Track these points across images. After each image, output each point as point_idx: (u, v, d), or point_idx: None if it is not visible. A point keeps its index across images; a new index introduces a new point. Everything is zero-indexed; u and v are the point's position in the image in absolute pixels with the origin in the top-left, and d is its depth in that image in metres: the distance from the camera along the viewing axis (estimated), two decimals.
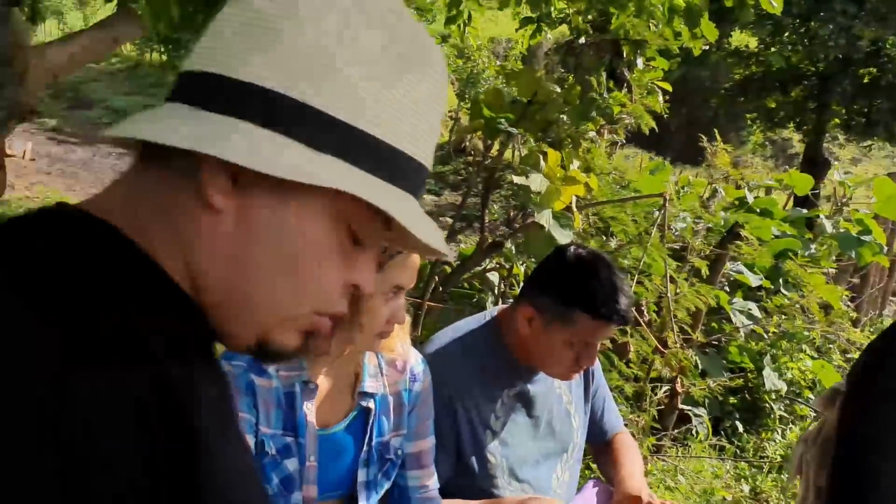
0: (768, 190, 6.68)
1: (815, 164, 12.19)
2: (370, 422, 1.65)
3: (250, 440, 1.51)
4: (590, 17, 3.46)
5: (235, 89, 0.65)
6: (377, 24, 0.68)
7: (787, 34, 11.50)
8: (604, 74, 2.95)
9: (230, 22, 0.67)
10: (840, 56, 10.50)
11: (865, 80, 11.14)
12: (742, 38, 13.22)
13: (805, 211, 5.90)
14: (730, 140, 26.41)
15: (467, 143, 14.19)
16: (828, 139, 15.05)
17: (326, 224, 0.68)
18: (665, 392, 3.79)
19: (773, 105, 13.20)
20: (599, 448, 2.27)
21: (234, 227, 0.67)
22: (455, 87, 19.99)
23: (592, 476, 2.35)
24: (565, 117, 2.88)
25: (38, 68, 1.42)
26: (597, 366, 2.21)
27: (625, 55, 3.17)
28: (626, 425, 3.36)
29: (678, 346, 3.51)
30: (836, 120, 11.98)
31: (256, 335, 0.71)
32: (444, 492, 1.89)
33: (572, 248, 1.94)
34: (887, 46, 10.71)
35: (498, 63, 18.81)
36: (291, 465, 1.54)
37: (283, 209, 0.67)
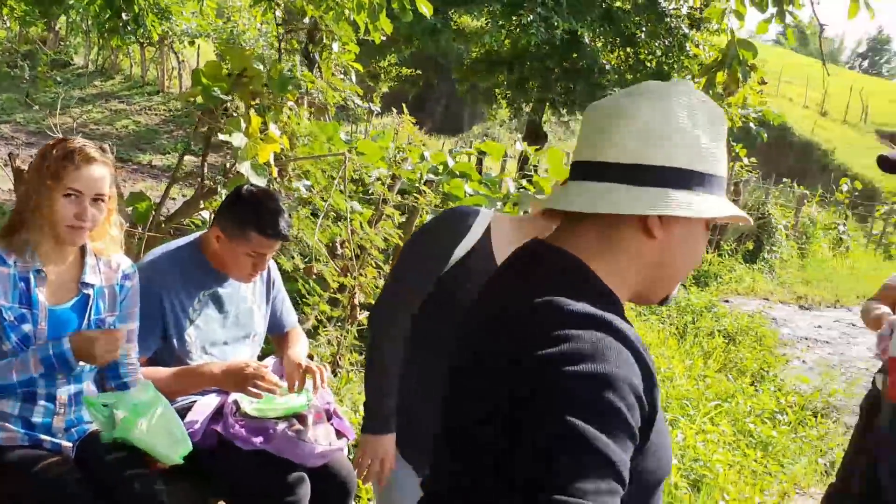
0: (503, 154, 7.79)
1: (537, 136, 13.90)
2: (90, 304, 2.34)
3: None
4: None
5: (656, 170, 1.12)
6: (700, 113, 1.15)
7: (500, 20, 13.02)
8: (298, 56, 3.71)
9: (628, 130, 1.12)
10: (542, 42, 12.12)
11: (566, 64, 12.90)
12: (466, 20, 14.62)
13: (494, 175, 7.09)
14: (482, 114, 28.25)
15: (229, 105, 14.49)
16: (563, 115, 16.68)
17: (704, 228, 1.20)
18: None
19: (504, 82, 14.72)
20: (279, 338, 3.06)
21: (661, 246, 1.16)
22: (214, 48, 19.99)
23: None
24: (269, 89, 3.62)
25: None
26: (276, 276, 3.00)
27: (324, 40, 3.94)
28: (319, 334, 4.19)
29: (371, 276, 4.41)
30: (550, 97, 13.66)
31: (662, 296, 1.26)
32: (152, 362, 2.62)
33: (245, 186, 2.70)
34: (583, 36, 12.48)
35: (263, 27, 19.00)
36: (27, 328, 2.22)
37: (690, 229, 1.18)
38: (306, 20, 3.72)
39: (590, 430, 0.96)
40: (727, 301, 10.06)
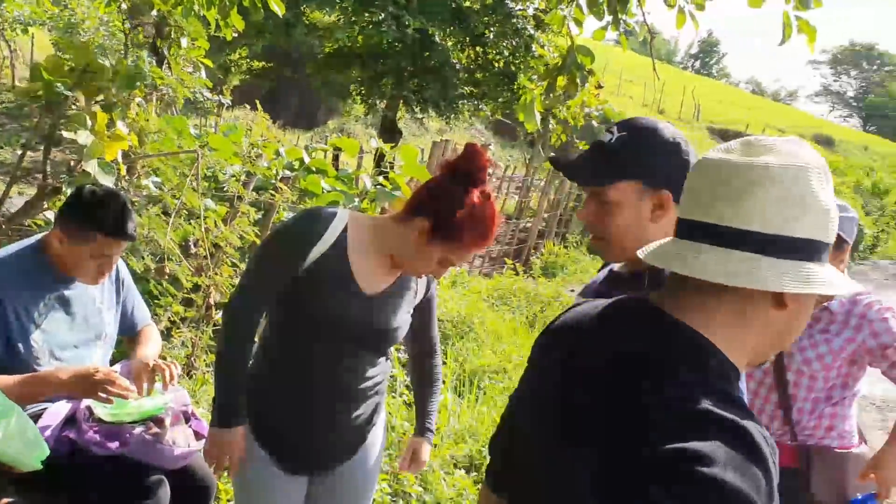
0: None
1: (392, 132, 14.04)
2: None
3: None
4: None
5: (795, 242, 1.09)
6: (824, 177, 1.13)
7: (352, 16, 13.11)
8: (146, 50, 3.63)
9: (769, 197, 1.08)
10: (394, 40, 12.29)
11: (418, 62, 13.14)
12: (319, 15, 14.59)
13: (350, 171, 7.14)
14: (337, 109, 28.07)
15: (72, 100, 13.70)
16: (416, 112, 16.82)
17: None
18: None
19: (359, 78, 14.77)
20: (132, 338, 3.00)
21: (788, 316, 1.15)
22: (50, 37, 18.81)
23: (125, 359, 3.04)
24: (115, 85, 3.52)
25: None
26: (125, 275, 2.94)
27: (173, 35, 3.86)
28: (172, 336, 4.11)
29: (227, 275, 4.37)
30: (403, 94, 13.84)
31: (766, 360, 1.23)
32: None
33: (88, 187, 2.64)
34: (434, 35, 12.74)
35: (105, 16, 18.08)
36: None
37: (810, 298, 1.17)
38: (154, 14, 3.63)
39: None
40: (573, 290, 10.56)
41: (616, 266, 1.92)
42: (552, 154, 2.38)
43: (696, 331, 1.13)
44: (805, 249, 1.11)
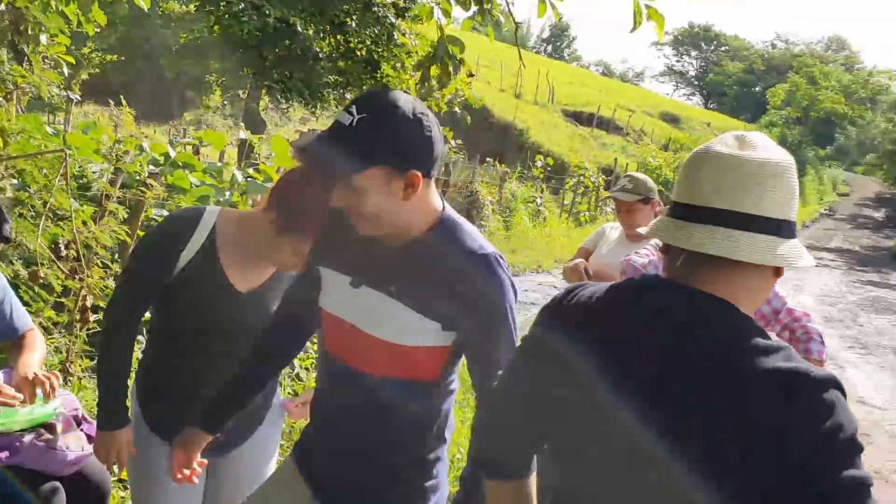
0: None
1: (255, 123, 13.83)
2: None
3: None
4: None
5: (792, 224, 1.30)
6: (792, 177, 1.31)
7: (208, 6, 12.80)
8: (5, 48, 3.49)
9: (781, 187, 1.28)
10: (255, 29, 12.10)
11: (280, 52, 13.00)
12: (173, 6, 14.14)
13: (220, 164, 7.05)
14: (193, 100, 27.22)
15: None
16: (281, 101, 16.52)
17: None
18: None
19: (218, 68, 14.43)
20: (13, 344, 2.90)
21: (775, 281, 1.35)
22: None
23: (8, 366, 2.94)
24: None
25: None
26: (0, 277, 2.85)
27: (30, 31, 3.72)
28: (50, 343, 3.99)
29: (98, 276, 4.25)
30: (266, 84, 13.65)
31: None
32: None
33: None
34: (296, 24, 12.62)
35: None
36: None
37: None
38: (2, 7, 3.48)
39: (867, 478, 1.17)
40: None
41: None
42: (293, 141, 2.20)
43: (733, 304, 1.30)
44: (793, 230, 1.32)
